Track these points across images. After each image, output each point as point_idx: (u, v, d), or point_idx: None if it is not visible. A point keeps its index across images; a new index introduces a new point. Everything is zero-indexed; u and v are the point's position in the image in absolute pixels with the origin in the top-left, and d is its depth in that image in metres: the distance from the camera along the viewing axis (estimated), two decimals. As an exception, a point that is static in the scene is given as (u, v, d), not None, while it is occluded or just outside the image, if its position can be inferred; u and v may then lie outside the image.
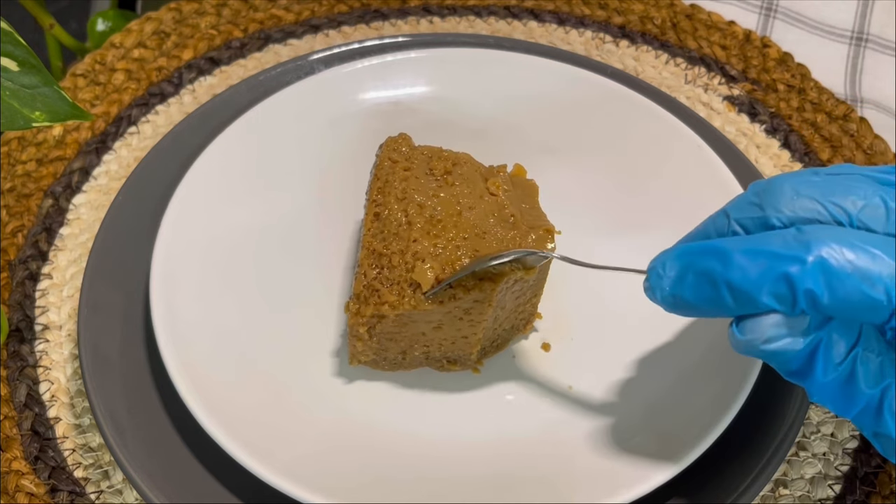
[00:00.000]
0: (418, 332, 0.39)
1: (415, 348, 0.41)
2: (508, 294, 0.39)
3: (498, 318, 0.40)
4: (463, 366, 0.42)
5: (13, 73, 0.38)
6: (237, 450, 0.36)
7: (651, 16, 0.59)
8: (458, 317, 0.39)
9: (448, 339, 0.40)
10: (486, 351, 0.42)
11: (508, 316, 0.41)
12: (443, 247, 0.38)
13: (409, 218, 0.40)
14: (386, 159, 0.42)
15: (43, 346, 0.45)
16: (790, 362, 0.29)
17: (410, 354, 0.41)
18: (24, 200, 0.50)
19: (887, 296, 0.27)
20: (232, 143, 0.46)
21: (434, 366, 0.42)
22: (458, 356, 0.42)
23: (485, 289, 0.37)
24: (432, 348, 0.41)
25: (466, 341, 0.40)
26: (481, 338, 0.40)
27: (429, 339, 0.40)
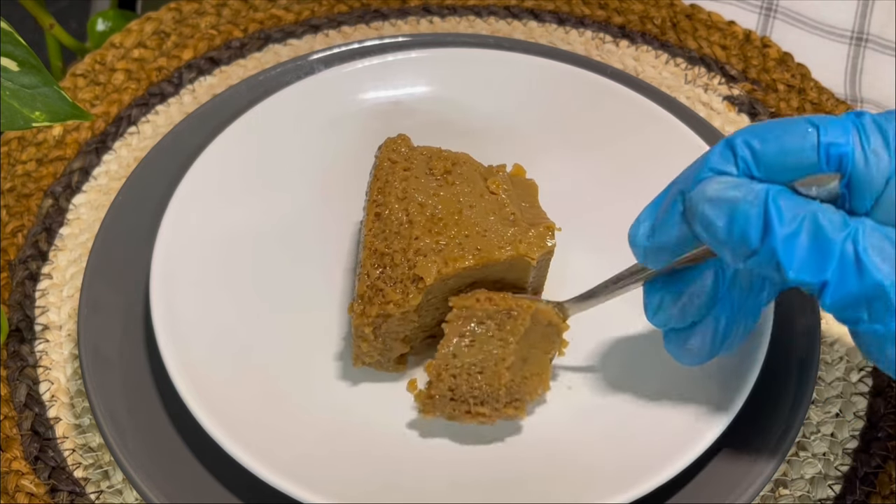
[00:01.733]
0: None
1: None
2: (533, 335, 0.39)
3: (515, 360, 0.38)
4: (492, 408, 0.38)
5: (13, 73, 0.38)
6: (237, 449, 0.36)
7: (651, 16, 0.59)
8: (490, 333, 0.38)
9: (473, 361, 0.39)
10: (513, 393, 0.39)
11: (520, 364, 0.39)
12: (444, 244, 0.38)
13: (410, 217, 0.40)
14: (385, 160, 0.42)
15: (43, 346, 0.45)
16: (748, 226, 0.30)
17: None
18: (24, 200, 0.50)
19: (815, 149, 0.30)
20: (232, 144, 0.46)
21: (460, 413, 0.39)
22: (483, 391, 0.38)
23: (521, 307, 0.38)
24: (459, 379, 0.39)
25: (494, 369, 0.37)
26: (509, 366, 0.37)
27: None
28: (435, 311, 0.40)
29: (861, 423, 0.43)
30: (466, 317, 0.38)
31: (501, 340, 0.38)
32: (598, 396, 0.41)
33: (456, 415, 0.38)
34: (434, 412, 0.38)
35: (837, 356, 0.45)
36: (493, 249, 0.39)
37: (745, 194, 0.30)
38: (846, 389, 0.44)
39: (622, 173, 0.47)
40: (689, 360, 0.36)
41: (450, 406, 0.38)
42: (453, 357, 0.37)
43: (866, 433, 0.43)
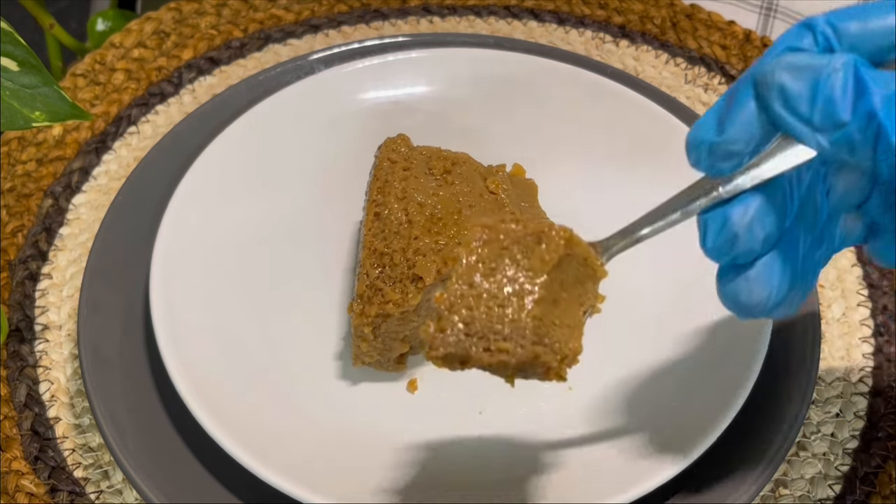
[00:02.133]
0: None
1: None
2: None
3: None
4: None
5: (13, 72, 0.38)
6: (237, 449, 0.36)
7: (651, 15, 0.59)
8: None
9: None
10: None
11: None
12: (444, 243, 0.38)
13: (409, 217, 0.40)
14: (385, 160, 0.42)
15: (43, 345, 0.45)
16: (836, 93, 0.26)
17: None
18: (24, 200, 0.50)
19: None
20: (231, 144, 0.46)
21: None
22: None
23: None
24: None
25: (519, 303, 0.32)
26: (538, 300, 0.31)
27: None
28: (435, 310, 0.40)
29: (861, 423, 0.43)
30: (488, 239, 0.32)
31: (529, 270, 0.31)
32: (599, 397, 0.40)
33: (472, 354, 0.31)
34: (445, 351, 0.31)
35: (838, 356, 0.45)
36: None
37: (830, 61, 0.26)
38: (846, 389, 0.44)
39: (622, 173, 0.47)
40: (747, 306, 0.31)
41: (464, 343, 0.31)
42: (469, 286, 0.31)
43: (866, 433, 0.43)
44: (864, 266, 0.48)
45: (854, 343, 0.45)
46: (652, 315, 0.43)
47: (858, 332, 0.45)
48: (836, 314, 0.46)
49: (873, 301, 0.46)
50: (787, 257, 0.30)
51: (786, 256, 0.30)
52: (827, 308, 0.46)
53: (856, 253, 0.48)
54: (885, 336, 0.45)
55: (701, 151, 0.29)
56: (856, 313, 0.46)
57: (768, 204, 0.29)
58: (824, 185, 0.31)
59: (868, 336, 0.45)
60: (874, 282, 0.47)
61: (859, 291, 0.47)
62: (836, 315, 0.46)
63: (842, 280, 0.47)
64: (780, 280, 0.30)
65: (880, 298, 0.46)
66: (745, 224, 0.29)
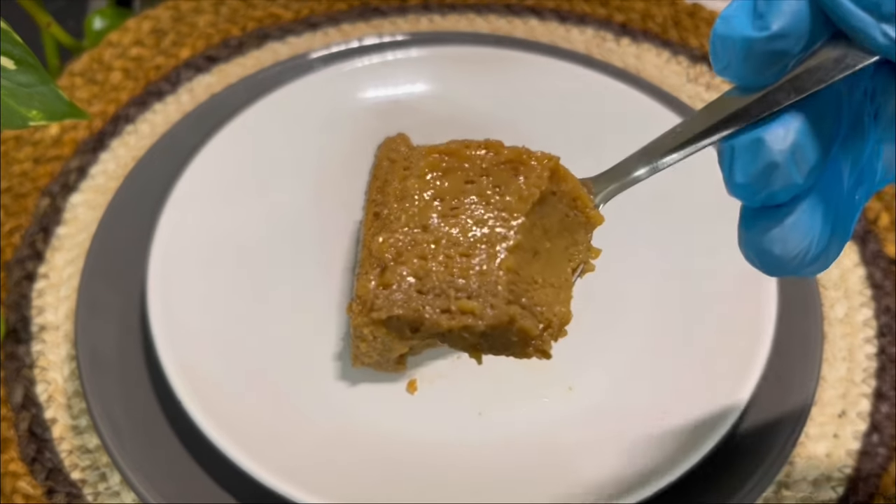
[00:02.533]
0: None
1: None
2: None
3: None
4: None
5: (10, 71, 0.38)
6: (235, 451, 0.36)
7: (652, 14, 0.59)
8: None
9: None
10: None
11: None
12: None
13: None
14: (384, 159, 0.42)
15: (40, 346, 0.45)
16: None
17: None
18: (21, 200, 0.50)
19: None
20: (230, 143, 0.46)
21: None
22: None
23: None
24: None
25: (489, 251, 0.25)
26: (513, 248, 0.25)
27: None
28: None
29: (864, 425, 0.43)
30: (448, 168, 0.24)
31: (503, 210, 0.24)
32: (600, 398, 0.40)
33: (426, 316, 0.23)
34: (389, 313, 0.23)
35: (840, 357, 0.45)
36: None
37: None
38: (849, 390, 0.44)
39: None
40: (781, 260, 0.25)
41: (416, 302, 0.23)
42: (423, 229, 0.24)
43: (869, 434, 0.42)
44: (867, 266, 0.47)
45: (857, 344, 0.45)
46: (654, 314, 0.43)
47: (861, 333, 0.45)
48: (838, 314, 0.46)
49: (877, 301, 0.46)
50: (829, 196, 0.24)
51: (828, 195, 0.24)
52: (830, 308, 0.46)
53: (859, 253, 0.48)
54: (888, 337, 0.45)
55: (734, 52, 0.22)
56: (859, 314, 0.46)
57: (813, 125, 0.23)
58: (872, 105, 0.25)
59: (871, 337, 0.45)
60: (878, 282, 0.47)
61: (862, 292, 0.46)
62: (838, 315, 0.46)
63: (845, 280, 0.47)
64: (822, 225, 0.24)
65: (883, 299, 0.46)
66: (785, 150, 0.23)
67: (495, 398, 0.41)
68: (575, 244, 0.26)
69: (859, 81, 0.24)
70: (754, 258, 0.25)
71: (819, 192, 0.24)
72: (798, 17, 0.21)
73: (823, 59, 0.22)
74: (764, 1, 0.22)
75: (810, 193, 0.24)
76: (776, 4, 0.21)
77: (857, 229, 0.48)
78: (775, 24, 0.21)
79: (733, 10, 0.22)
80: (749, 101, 0.23)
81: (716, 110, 0.24)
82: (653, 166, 0.26)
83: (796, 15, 0.21)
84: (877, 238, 0.48)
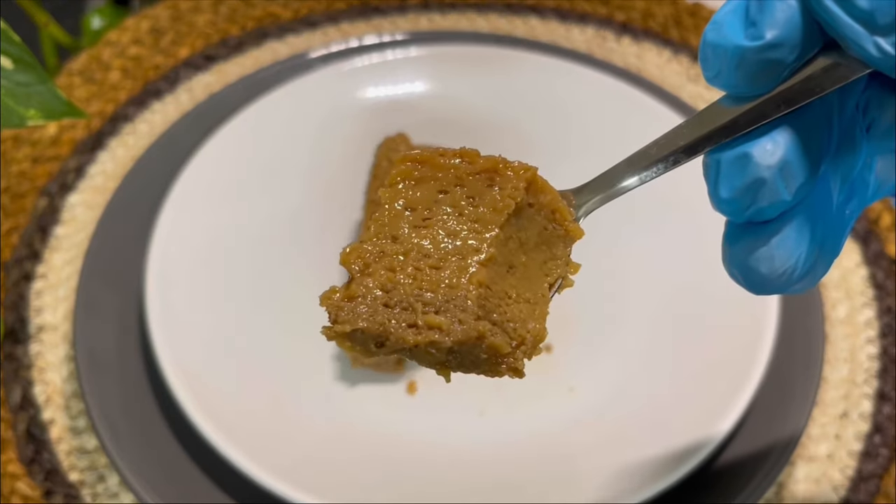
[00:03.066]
0: None
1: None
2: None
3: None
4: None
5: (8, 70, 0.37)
6: (233, 452, 0.36)
7: (653, 13, 0.58)
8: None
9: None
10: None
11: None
12: None
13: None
14: (384, 159, 0.42)
15: (38, 347, 0.44)
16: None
17: None
18: (19, 200, 0.50)
19: None
20: (229, 143, 0.45)
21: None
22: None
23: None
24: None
25: (460, 263, 0.24)
26: (486, 261, 0.24)
27: None
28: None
29: (866, 426, 0.42)
30: (420, 178, 0.24)
31: (476, 222, 0.23)
32: (601, 399, 0.40)
33: (391, 331, 0.22)
34: (353, 326, 0.23)
35: (842, 357, 0.44)
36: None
37: None
38: (850, 391, 0.43)
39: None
40: (767, 278, 0.24)
41: (381, 315, 0.22)
42: (392, 240, 0.23)
43: (871, 435, 0.42)
44: (869, 266, 0.47)
45: (859, 345, 0.45)
46: (655, 316, 0.42)
47: (863, 334, 0.45)
48: (840, 315, 0.46)
49: (878, 302, 0.46)
50: (817, 212, 0.23)
51: (817, 211, 0.23)
52: (831, 309, 0.46)
53: (861, 253, 0.48)
54: (889, 337, 0.45)
55: (725, 61, 0.21)
56: (860, 314, 0.46)
57: (802, 140, 0.22)
58: (865, 119, 0.24)
59: (873, 337, 0.45)
60: (880, 282, 0.46)
61: (864, 292, 0.46)
62: (840, 316, 0.45)
63: (846, 280, 0.47)
64: (810, 242, 0.23)
65: (885, 299, 0.46)
66: (773, 166, 0.22)
67: (496, 399, 0.41)
68: (553, 258, 0.25)
69: (851, 94, 0.24)
70: (738, 276, 0.24)
71: (807, 208, 0.23)
72: (791, 27, 0.21)
73: (815, 70, 0.21)
74: (756, 7, 0.21)
75: (798, 210, 0.23)
76: (769, 12, 0.21)
77: (858, 230, 0.48)
78: (769, 32, 0.21)
79: (724, 15, 0.21)
80: (737, 114, 0.22)
81: (703, 121, 0.23)
82: (638, 177, 0.25)
83: (790, 24, 0.21)
84: (878, 238, 0.48)
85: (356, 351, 0.23)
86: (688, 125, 0.24)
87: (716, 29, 0.21)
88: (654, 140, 0.24)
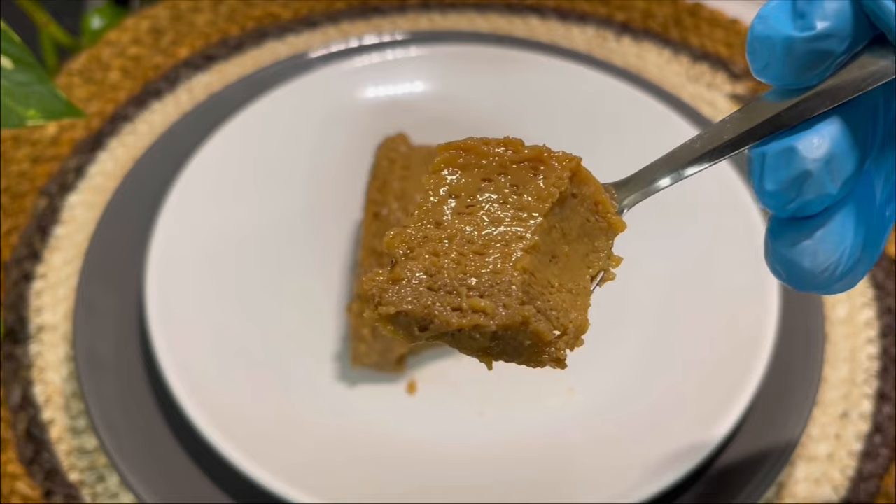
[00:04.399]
0: None
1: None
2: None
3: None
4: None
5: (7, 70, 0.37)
6: (233, 452, 0.36)
7: (653, 13, 0.58)
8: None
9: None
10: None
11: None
12: None
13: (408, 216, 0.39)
14: (384, 159, 0.42)
15: (38, 347, 0.44)
16: None
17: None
18: (19, 200, 0.50)
19: None
20: (228, 143, 0.45)
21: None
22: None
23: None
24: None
25: (504, 250, 0.24)
26: (530, 248, 0.23)
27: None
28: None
29: (866, 426, 0.42)
30: (463, 165, 0.24)
31: (520, 209, 0.23)
32: (601, 399, 0.40)
33: (436, 314, 0.22)
34: (398, 308, 0.22)
35: (842, 357, 0.44)
36: None
37: None
38: (851, 391, 0.43)
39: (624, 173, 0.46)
40: (810, 273, 0.24)
41: (426, 298, 0.23)
42: (436, 225, 0.23)
43: (871, 435, 0.42)
44: (868, 266, 0.47)
45: (859, 345, 0.45)
46: (656, 316, 0.42)
47: (863, 334, 0.45)
48: (840, 315, 0.46)
49: (879, 302, 0.46)
50: (861, 209, 0.23)
51: (860, 207, 0.23)
52: (832, 309, 0.46)
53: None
54: (889, 337, 0.45)
55: (774, 52, 0.21)
56: (860, 314, 0.46)
57: (848, 135, 0.22)
58: None
59: (873, 337, 0.45)
60: (880, 282, 0.46)
61: (864, 292, 0.46)
62: (840, 316, 0.45)
63: (846, 280, 0.47)
64: (854, 239, 0.23)
65: (885, 299, 0.46)
66: (819, 159, 0.22)
67: (496, 399, 0.41)
68: (595, 251, 0.25)
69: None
70: (781, 270, 0.24)
71: (852, 203, 0.23)
72: (842, 18, 0.21)
73: (861, 65, 0.22)
74: (804, 0, 0.21)
75: (843, 205, 0.23)
76: (818, 4, 0.21)
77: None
78: (819, 23, 0.21)
79: (770, 9, 0.22)
80: (782, 108, 0.22)
81: (747, 116, 0.23)
82: (678, 173, 0.25)
83: (840, 15, 0.21)
84: (878, 238, 0.48)
85: (398, 335, 0.23)
86: (732, 119, 0.24)
87: (763, 22, 0.22)
88: (698, 135, 0.24)
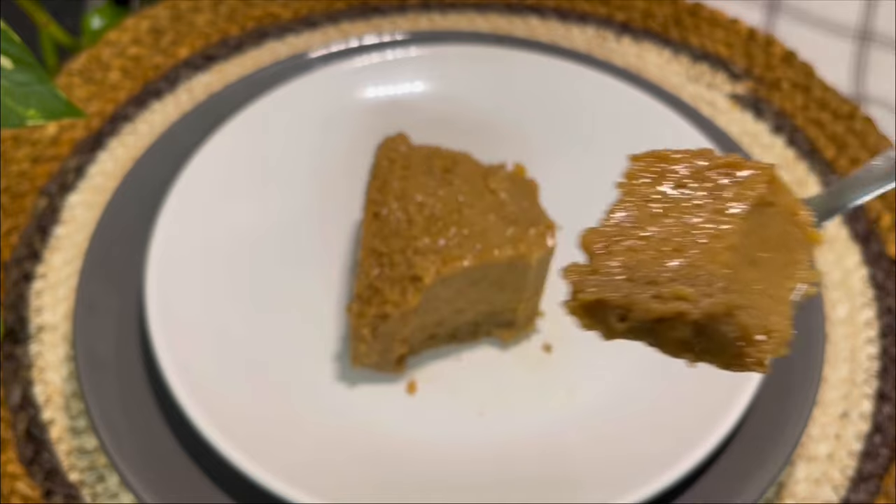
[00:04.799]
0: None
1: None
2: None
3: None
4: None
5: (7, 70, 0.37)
6: (233, 452, 0.36)
7: (653, 13, 0.58)
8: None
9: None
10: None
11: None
12: (443, 243, 0.38)
13: (408, 216, 0.39)
14: (384, 159, 0.42)
15: (38, 347, 0.44)
16: None
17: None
18: (19, 200, 0.50)
19: None
20: (228, 143, 0.45)
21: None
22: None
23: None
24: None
25: (705, 246, 0.24)
26: (729, 246, 0.23)
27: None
28: (435, 311, 0.40)
29: (866, 426, 0.42)
30: (658, 173, 0.24)
31: (717, 213, 0.23)
32: (601, 399, 0.40)
33: (636, 301, 0.22)
34: (596, 295, 0.23)
35: (842, 357, 0.44)
36: (492, 249, 0.38)
37: None
38: (851, 391, 0.43)
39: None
40: None
41: (624, 287, 0.23)
42: (632, 226, 0.24)
43: (871, 435, 0.42)
44: (869, 267, 0.47)
45: (859, 345, 0.45)
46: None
47: (863, 334, 0.45)
48: (840, 315, 0.45)
49: (879, 302, 0.46)
50: None
51: None
52: (832, 309, 0.46)
53: (861, 253, 0.48)
54: (889, 337, 0.45)
55: None
56: (861, 314, 0.46)
57: None
58: None
59: (873, 337, 0.45)
60: (880, 282, 0.46)
61: (864, 292, 0.46)
62: (840, 316, 0.45)
63: (847, 281, 0.47)
64: None
65: (885, 299, 0.46)
66: None
67: (496, 399, 0.41)
68: (794, 262, 0.24)
69: None
70: None
71: None
72: None
73: None
74: None
75: None
76: None
77: (858, 230, 0.48)
78: None
79: None
80: None
81: None
82: (870, 189, 0.25)
83: None
84: (878, 238, 0.48)
85: (596, 328, 0.23)
86: None
87: None
88: (884, 153, 0.24)
